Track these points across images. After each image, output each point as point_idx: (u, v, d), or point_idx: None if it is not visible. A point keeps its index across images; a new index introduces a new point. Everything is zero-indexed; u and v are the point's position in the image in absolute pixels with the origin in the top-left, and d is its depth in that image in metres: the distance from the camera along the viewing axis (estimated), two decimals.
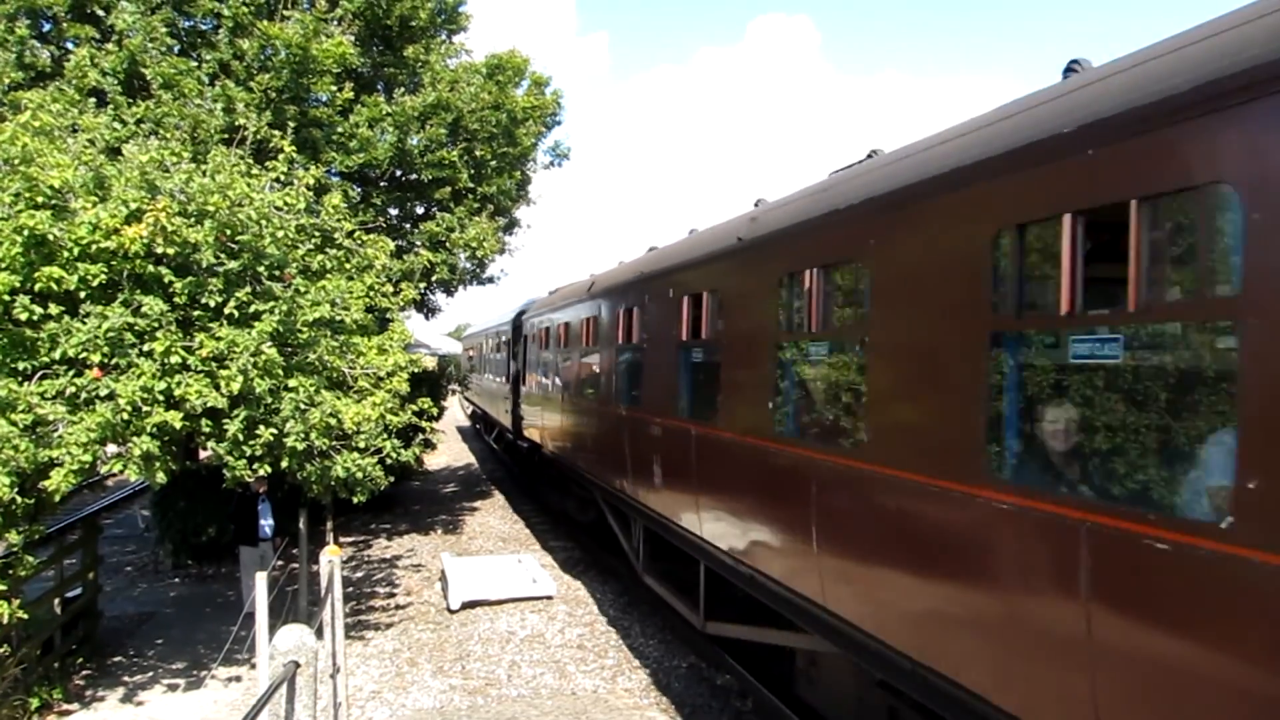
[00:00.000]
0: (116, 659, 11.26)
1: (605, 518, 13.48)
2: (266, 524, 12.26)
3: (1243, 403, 3.28)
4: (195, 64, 14.35)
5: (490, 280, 20.71)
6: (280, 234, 9.67)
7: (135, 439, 8.61)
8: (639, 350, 11.09)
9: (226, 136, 12.95)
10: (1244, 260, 3.25)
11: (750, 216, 8.17)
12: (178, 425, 8.75)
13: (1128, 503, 4.10)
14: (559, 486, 18.24)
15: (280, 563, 12.77)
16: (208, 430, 9.32)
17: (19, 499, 8.41)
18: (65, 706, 9.74)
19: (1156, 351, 4.30)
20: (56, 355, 8.53)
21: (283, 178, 10.47)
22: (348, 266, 11.48)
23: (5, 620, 8.57)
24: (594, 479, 13.55)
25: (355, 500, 10.83)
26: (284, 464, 9.65)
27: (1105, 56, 4.84)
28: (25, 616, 8.95)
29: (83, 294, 8.75)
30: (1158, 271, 3.69)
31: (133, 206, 8.84)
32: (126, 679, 10.56)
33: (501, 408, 25.74)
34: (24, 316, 8.39)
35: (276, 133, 11.83)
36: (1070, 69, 4.74)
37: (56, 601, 10.76)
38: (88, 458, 8.37)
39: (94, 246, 8.68)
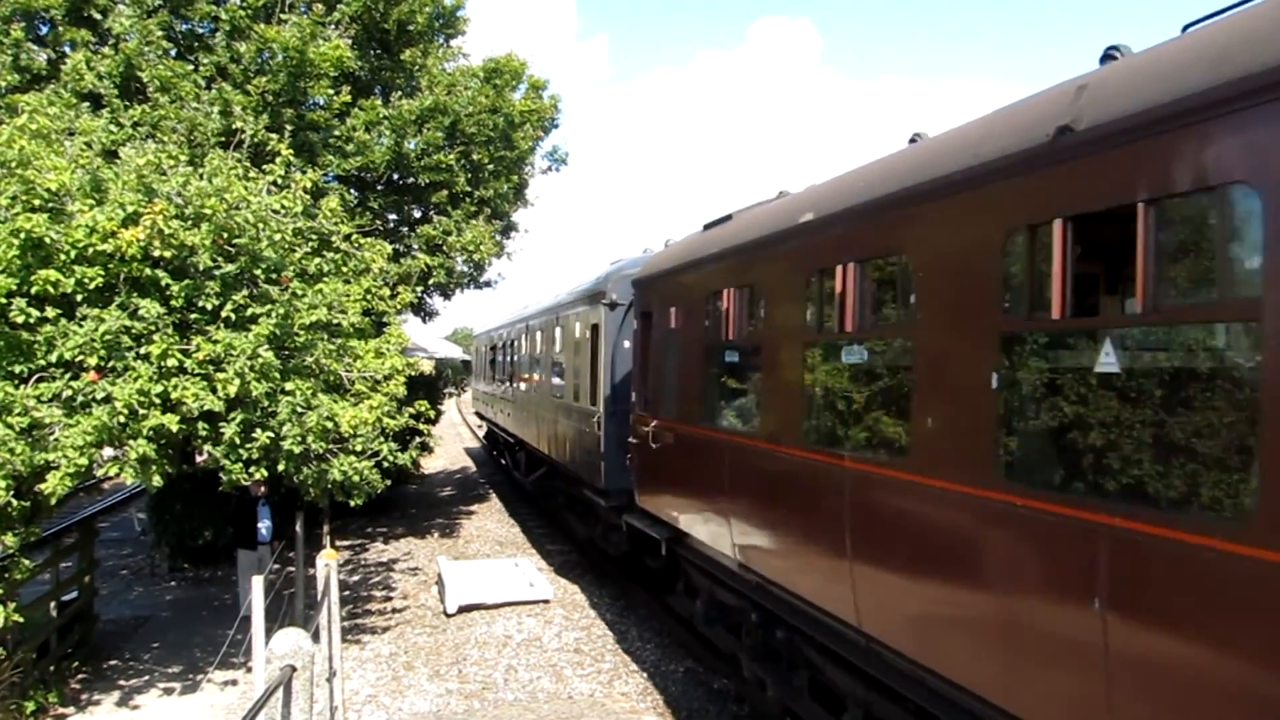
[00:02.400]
0: (112, 662, 11.24)
1: None
2: (265, 525, 12.24)
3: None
4: (192, 67, 14.34)
5: (487, 284, 20.69)
6: (277, 237, 9.68)
7: (131, 442, 8.61)
8: None
9: (223, 140, 12.95)
10: None
11: None
12: (174, 428, 8.75)
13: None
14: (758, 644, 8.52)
15: (277, 566, 12.76)
16: (204, 433, 9.32)
17: (15, 502, 8.39)
18: (61, 710, 9.72)
19: None
20: (53, 358, 8.53)
21: (280, 181, 10.47)
22: (345, 270, 11.49)
23: (1, 624, 8.56)
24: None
25: (352, 504, 10.83)
26: (281, 467, 9.64)
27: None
28: (21, 620, 8.94)
29: (79, 297, 8.74)
30: None
31: (130, 209, 8.84)
32: (122, 682, 10.54)
33: (570, 444, 15.35)
34: (20, 319, 8.39)
35: (274, 136, 11.85)
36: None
37: (52, 605, 10.75)
38: (84, 461, 8.37)
39: (91, 249, 8.67)
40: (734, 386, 8.66)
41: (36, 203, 8.70)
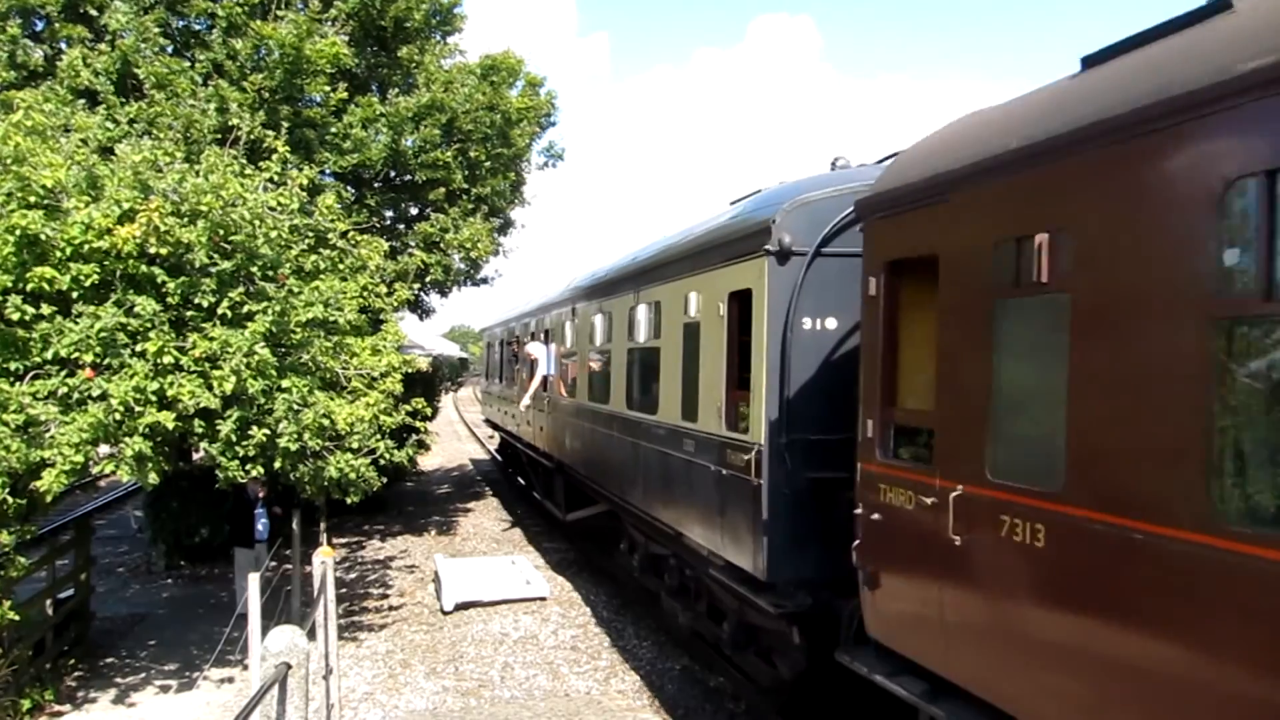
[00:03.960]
0: (109, 660, 11.23)
1: None
2: (262, 524, 12.24)
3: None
4: (188, 64, 14.31)
5: (484, 281, 20.67)
6: (274, 234, 9.66)
7: (127, 439, 8.59)
8: None
9: (220, 137, 12.92)
10: None
11: None
12: (170, 426, 8.73)
13: None
14: None
15: (274, 564, 12.75)
16: (200, 431, 9.31)
17: (11, 499, 8.39)
18: (57, 708, 9.71)
19: None
20: (49, 355, 8.51)
21: (276, 178, 10.45)
22: (341, 267, 11.47)
23: None
24: None
25: (349, 501, 10.83)
26: (277, 465, 9.64)
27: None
28: (17, 618, 8.93)
29: (75, 294, 8.73)
30: None
31: (126, 206, 8.82)
32: (119, 680, 10.53)
33: (680, 493, 9.78)
34: (16, 316, 8.38)
35: (270, 133, 11.80)
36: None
37: (48, 603, 10.73)
38: (80, 458, 8.35)
39: (86, 246, 8.66)
40: None
41: (32, 199, 8.68)
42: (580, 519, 15.70)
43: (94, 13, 14.56)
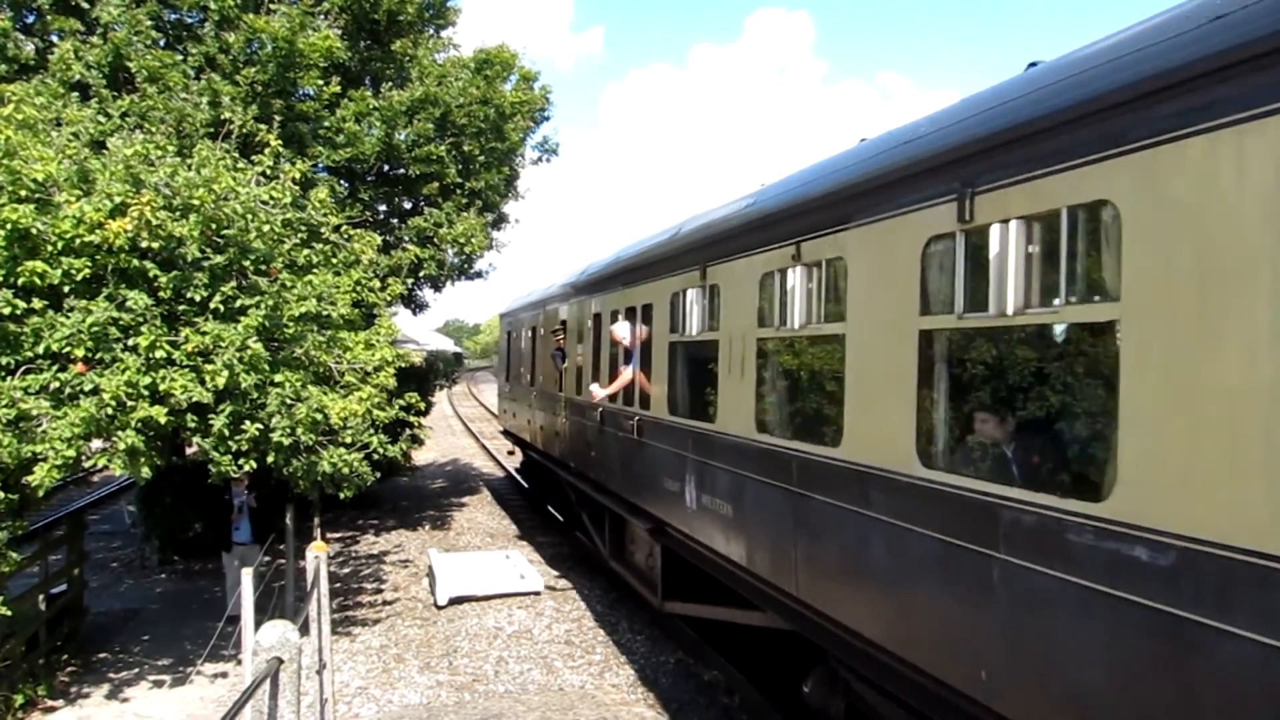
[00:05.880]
0: (102, 655, 11.22)
1: None
2: (243, 526, 12.32)
3: None
4: (181, 57, 14.23)
5: (478, 276, 20.64)
6: (266, 228, 9.63)
7: (120, 434, 8.58)
8: None
9: (212, 130, 12.87)
10: None
11: None
12: (163, 420, 8.72)
13: None
14: None
15: (268, 559, 12.74)
16: (193, 425, 9.29)
17: (2, 494, 8.37)
18: (50, 703, 9.70)
19: None
20: (40, 350, 8.49)
21: (269, 172, 10.42)
22: (334, 261, 11.45)
23: None
24: None
25: (342, 496, 10.82)
26: (270, 459, 9.63)
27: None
28: (9, 613, 8.89)
29: (67, 288, 8.70)
30: None
31: (117, 200, 8.80)
32: (112, 675, 10.52)
33: None
34: (7, 311, 8.36)
35: (263, 127, 11.78)
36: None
37: (41, 598, 10.72)
38: (72, 453, 8.33)
39: (78, 240, 8.63)
40: None
41: (23, 193, 8.65)
42: (694, 617, 10.06)
43: (85, 5, 14.47)
